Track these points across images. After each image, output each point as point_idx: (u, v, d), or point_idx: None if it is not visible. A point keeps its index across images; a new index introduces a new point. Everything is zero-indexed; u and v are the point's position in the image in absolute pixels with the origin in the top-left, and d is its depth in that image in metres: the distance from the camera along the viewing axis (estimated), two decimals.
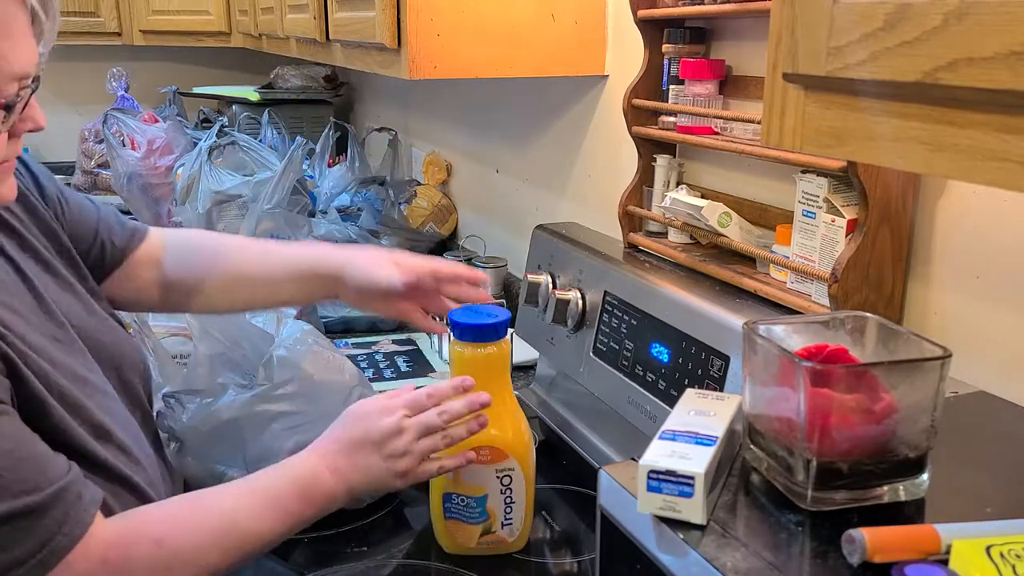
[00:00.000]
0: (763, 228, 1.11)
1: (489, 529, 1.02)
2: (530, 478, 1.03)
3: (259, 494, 0.87)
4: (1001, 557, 0.49)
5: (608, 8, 1.44)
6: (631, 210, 1.27)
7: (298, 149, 1.89)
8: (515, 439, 1.01)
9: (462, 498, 1.01)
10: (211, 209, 1.95)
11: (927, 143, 0.50)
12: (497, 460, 1.00)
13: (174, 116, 2.76)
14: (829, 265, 0.93)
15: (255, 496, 0.87)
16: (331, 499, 0.90)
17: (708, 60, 1.16)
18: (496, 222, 2.02)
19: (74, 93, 3.51)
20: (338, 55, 1.75)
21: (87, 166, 2.97)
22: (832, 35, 0.55)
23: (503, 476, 1.00)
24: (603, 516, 0.68)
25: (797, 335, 0.66)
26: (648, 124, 1.24)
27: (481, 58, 1.38)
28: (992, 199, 0.85)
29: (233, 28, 3.06)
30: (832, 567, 0.54)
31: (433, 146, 2.41)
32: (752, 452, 0.66)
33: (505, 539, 1.03)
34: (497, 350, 0.99)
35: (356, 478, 0.90)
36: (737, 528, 0.59)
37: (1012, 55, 0.43)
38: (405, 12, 1.33)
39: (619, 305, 1.17)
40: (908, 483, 0.61)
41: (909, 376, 0.60)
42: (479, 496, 1.01)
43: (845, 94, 0.56)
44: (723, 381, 0.96)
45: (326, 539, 1.09)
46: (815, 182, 0.95)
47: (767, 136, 0.63)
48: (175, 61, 3.54)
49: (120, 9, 3.18)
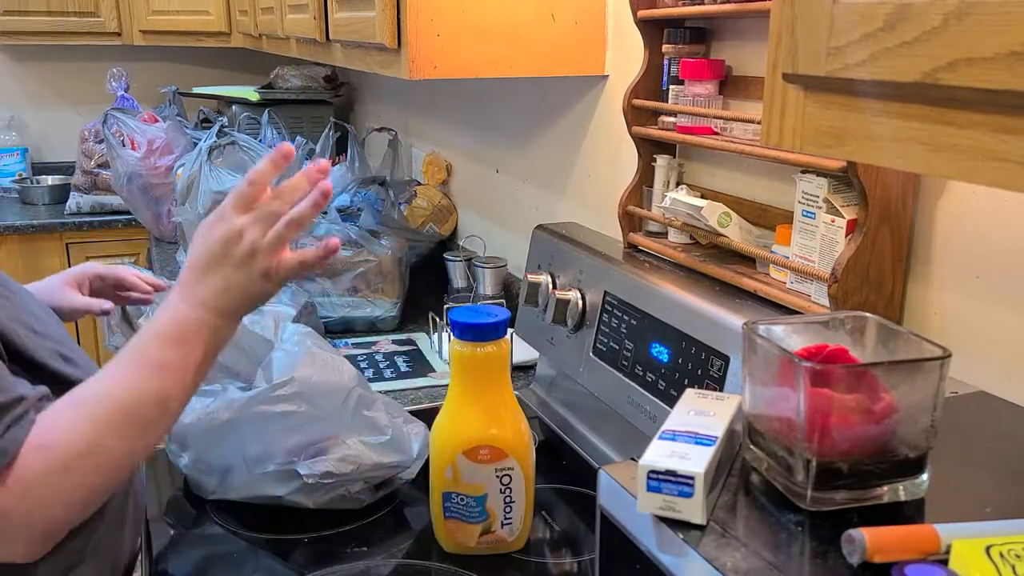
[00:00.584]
0: (763, 228, 1.11)
1: (489, 528, 1.02)
2: (530, 478, 1.03)
3: (124, 359, 0.83)
4: (1001, 557, 0.49)
5: (608, 8, 1.44)
6: (631, 210, 1.27)
7: (298, 149, 1.89)
8: (515, 438, 1.01)
9: (462, 497, 1.01)
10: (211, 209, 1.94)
11: (927, 143, 0.50)
12: (497, 459, 1.00)
13: (174, 116, 2.76)
14: (829, 265, 0.93)
15: (121, 362, 0.83)
16: (202, 328, 0.84)
17: (708, 60, 1.16)
18: (496, 222, 2.02)
19: (74, 93, 3.52)
20: (338, 55, 1.75)
21: (87, 166, 2.98)
22: (832, 35, 0.55)
23: (503, 475, 1.00)
24: (603, 516, 0.68)
25: (797, 335, 0.66)
26: (648, 124, 1.24)
27: (481, 58, 1.39)
28: (992, 199, 0.85)
29: (233, 28, 3.06)
30: (832, 567, 0.54)
31: (433, 146, 2.41)
32: (752, 452, 0.66)
33: (505, 539, 1.04)
34: (497, 349, 0.99)
35: (218, 298, 0.85)
36: (737, 528, 0.59)
37: (1012, 55, 0.43)
38: (405, 12, 1.33)
39: (619, 305, 1.17)
40: (908, 483, 0.61)
41: (909, 376, 0.60)
42: (479, 495, 1.01)
43: (845, 94, 0.56)
44: (723, 381, 0.96)
45: (326, 539, 1.09)
46: (815, 182, 0.95)
47: (767, 136, 0.63)
48: (175, 61, 3.54)
49: (120, 9, 3.18)
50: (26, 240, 2.86)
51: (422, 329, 1.80)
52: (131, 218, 2.74)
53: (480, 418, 1.00)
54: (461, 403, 1.00)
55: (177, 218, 2.05)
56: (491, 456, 0.99)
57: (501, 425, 1.00)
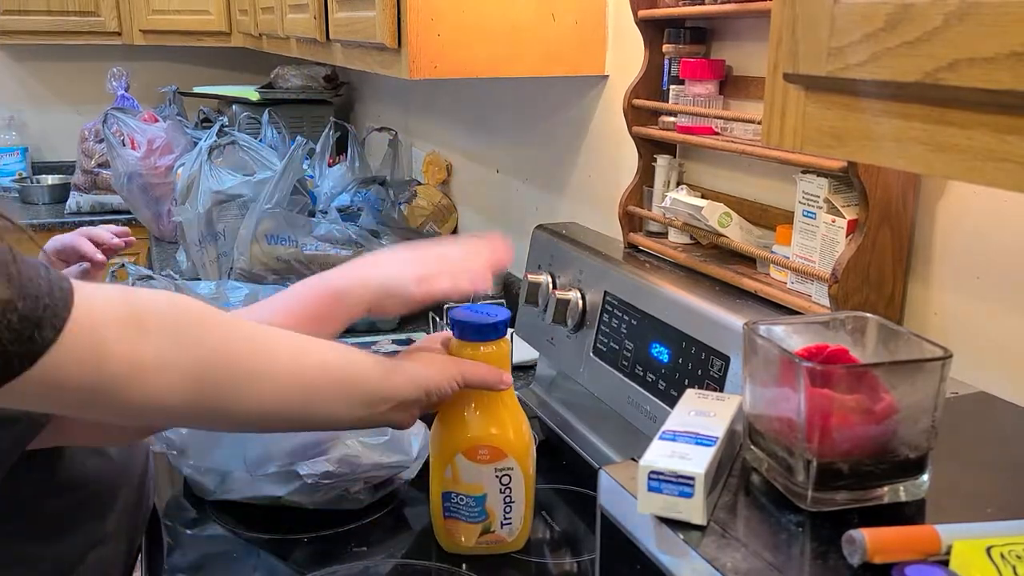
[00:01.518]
0: (763, 228, 1.11)
1: (488, 529, 1.02)
2: (530, 478, 1.03)
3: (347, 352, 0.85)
4: (1002, 558, 0.49)
5: (608, 8, 1.44)
6: (631, 210, 1.27)
7: (298, 149, 1.89)
8: (515, 438, 1.00)
9: (461, 497, 1.01)
10: (211, 209, 1.95)
11: (928, 143, 0.50)
12: (496, 459, 1.00)
13: (174, 116, 2.76)
14: (829, 265, 0.93)
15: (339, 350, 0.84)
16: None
17: (708, 60, 1.16)
18: (496, 222, 2.02)
19: (74, 93, 3.52)
20: (338, 55, 1.75)
21: (87, 166, 2.98)
22: (833, 35, 0.54)
23: (502, 475, 1.00)
24: (603, 516, 0.67)
25: (797, 335, 0.66)
26: (648, 124, 1.24)
27: (481, 58, 1.38)
28: (992, 199, 0.85)
29: (233, 28, 3.06)
30: (832, 568, 0.54)
31: (433, 146, 2.41)
32: (752, 452, 0.66)
33: (504, 539, 1.03)
34: (497, 349, 0.99)
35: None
36: (737, 528, 0.59)
37: (1013, 55, 0.43)
38: (405, 12, 1.33)
39: (619, 305, 1.17)
40: (909, 483, 0.61)
41: (910, 377, 0.60)
42: (478, 495, 1.01)
43: (846, 94, 0.56)
44: (723, 381, 0.96)
45: (326, 539, 1.09)
46: (815, 182, 0.95)
47: (767, 136, 0.63)
48: (175, 61, 3.54)
49: (120, 9, 3.18)
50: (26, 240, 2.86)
51: (422, 329, 1.80)
52: (131, 218, 2.74)
53: (479, 418, 1.00)
54: (460, 403, 1.00)
55: (177, 218, 2.05)
56: (490, 456, 0.99)
57: (501, 425, 1.00)
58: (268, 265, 1.81)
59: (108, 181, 2.85)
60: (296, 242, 1.83)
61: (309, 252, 1.82)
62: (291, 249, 1.82)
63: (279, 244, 1.83)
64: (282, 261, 1.81)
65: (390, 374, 0.86)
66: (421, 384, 0.88)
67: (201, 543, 1.10)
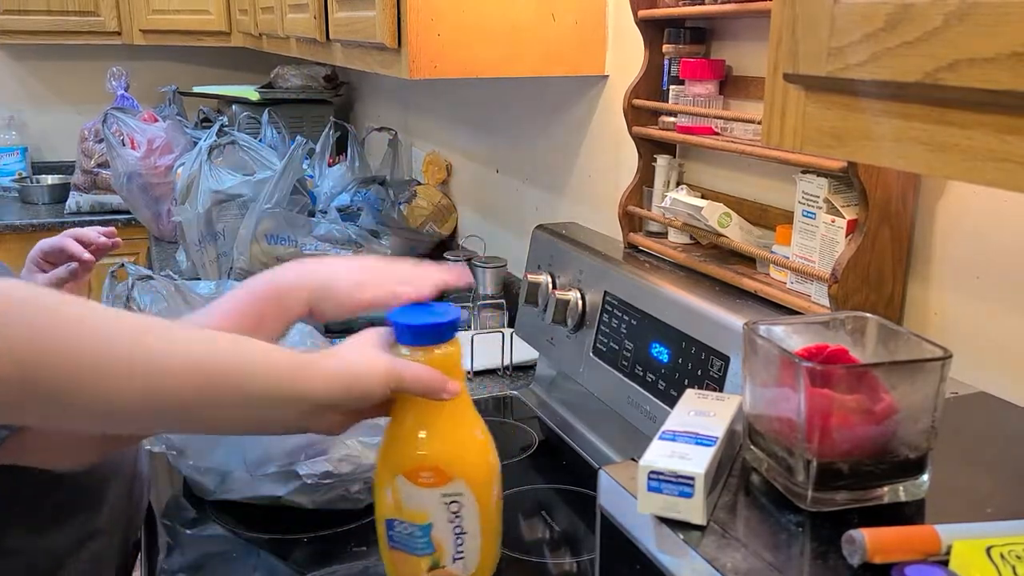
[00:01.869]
0: (763, 228, 1.11)
1: (438, 563, 0.85)
2: (487, 504, 0.84)
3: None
4: (1001, 558, 0.49)
5: (608, 8, 1.44)
6: (631, 210, 1.27)
7: (298, 149, 1.89)
8: (468, 458, 0.83)
9: (405, 525, 0.83)
10: (211, 209, 1.95)
11: (928, 143, 0.50)
12: (442, 483, 0.81)
13: (174, 116, 2.76)
14: (829, 265, 0.93)
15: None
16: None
17: (708, 60, 1.16)
18: (496, 222, 2.02)
19: (74, 93, 3.51)
20: (338, 55, 1.75)
21: (87, 165, 2.98)
22: (833, 35, 0.54)
23: (450, 502, 0.82)
24: (603, 516, 0.67)
25: (797, 335, 0.66)
26: (648, 124, 1.24)
27: (481, 58, 1.38)
28: (992, 199, 0.85)
29: (233, 28, 3.06)
30: (832, 568, 0.54)
31: (433, 146, 2.41)
32: (752, 452, 0.66)
33: (457, 575, 0.85)
34: (445, 355, 0.82)
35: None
36: (737, 529, 0.59)
37: (1013, 56, 0.43)
38: (405, 12, 1.33)
39: (619, 305, 1.17)
40: (908, 484, 0.61)
41: (909, 377, 0.60)
42: (423, 524, 0.83)
43: (846, 94, 0.56)
44: (723, 381, 0.96)
45: (326, 539, 1.09)
46: (815, 182, 0.95)
47: (767, 136, 0.63)
48: (175, 61, 3.54)
49: (120, 9, 3.18)
50: (26, 239, 2.86)
51: None
52: (131, 217, 2.74)
53: (426, 433, 0.81)
54: (405, 416, 0.82)
55: (177, 218, 2.05)
56: (435, 479, 0.81)
57: (450, 442, 0.82)
58: (268, 265, 1.81)
59: (108, 181, 2.85)
60: (296, 242, 1.83)
61: (309, 252, 1.82)
62: (291, 249, 1.82)
63: (279, 244, 1.83)
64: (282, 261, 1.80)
65: (301, 370, 0.74)
66: (343, 383, 0.75)
67: (201, 543, 1.10)
